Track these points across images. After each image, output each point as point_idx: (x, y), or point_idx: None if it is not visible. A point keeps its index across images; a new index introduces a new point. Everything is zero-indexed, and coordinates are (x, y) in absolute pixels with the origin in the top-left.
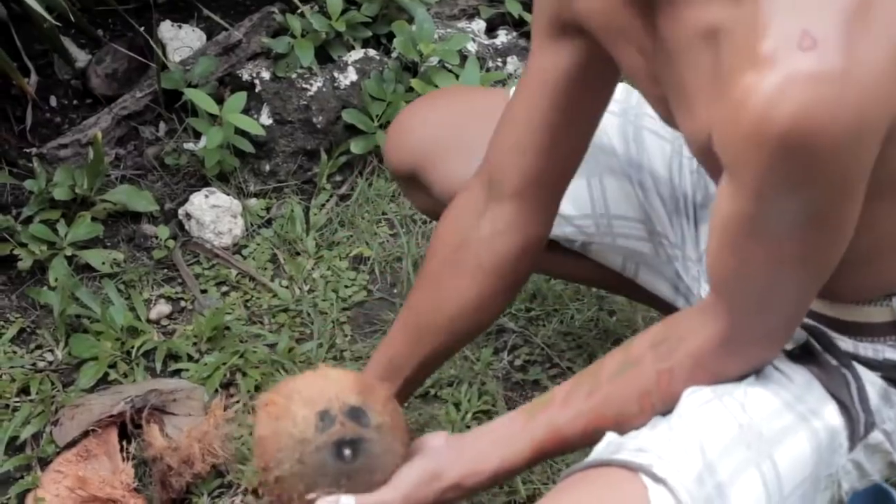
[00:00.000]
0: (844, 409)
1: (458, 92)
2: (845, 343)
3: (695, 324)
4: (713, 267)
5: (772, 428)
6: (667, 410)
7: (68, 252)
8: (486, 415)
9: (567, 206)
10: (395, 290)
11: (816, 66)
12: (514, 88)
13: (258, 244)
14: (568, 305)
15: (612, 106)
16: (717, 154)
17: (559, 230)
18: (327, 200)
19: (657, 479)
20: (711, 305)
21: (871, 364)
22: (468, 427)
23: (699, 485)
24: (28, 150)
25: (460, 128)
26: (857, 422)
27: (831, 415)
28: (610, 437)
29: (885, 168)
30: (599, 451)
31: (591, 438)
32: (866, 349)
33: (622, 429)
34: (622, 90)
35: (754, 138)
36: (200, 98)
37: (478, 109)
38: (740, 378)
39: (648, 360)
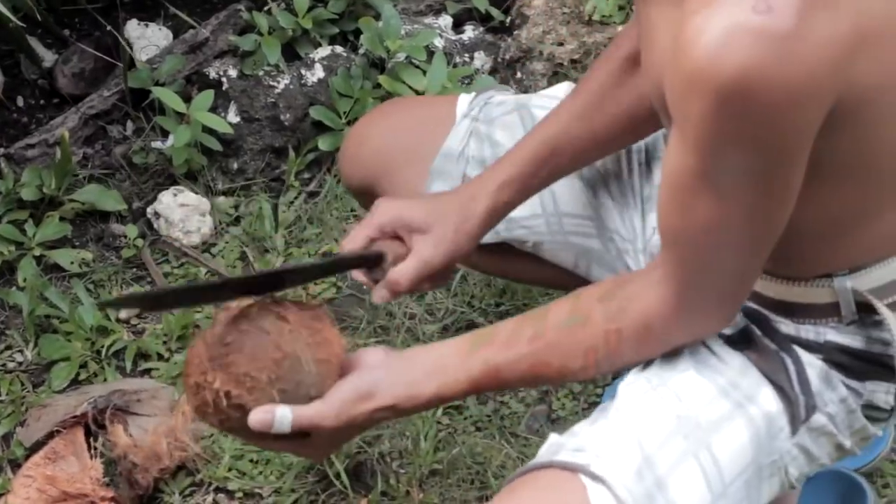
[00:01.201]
0: (783, 393)
1: (408, 103)
2: (787, 326)
3: (644, 282)
4: (661, 218)
5: (708, 417)
6: (609, 369)
7: (37, 252)
8: (457, 410)
9: (516, 208)
10: (365, 288)
11: (767, 22)
12: (463, 95)
13: (227, 242)
14: (538, 300)
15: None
16: (667, 100)
17: (510, 233)
18: (296, 198)
19: (596, 477)
20: (661, 262)
21: (812, 347)
22: (439, 423)
23: (638, 480)
24: None
25: (412, 139)
26: (797, 405)
27: (767, 400)
28: (552, 438)
29: (828, 152)
30: (541, 453)
31: (530, 382)
32: (808, 332)
33: (563, 379)
34: (566, 88)
35: (697, 85)
36: (168, 96)
37: (429, 119)
38: (681, 351)
39: (598, 317)
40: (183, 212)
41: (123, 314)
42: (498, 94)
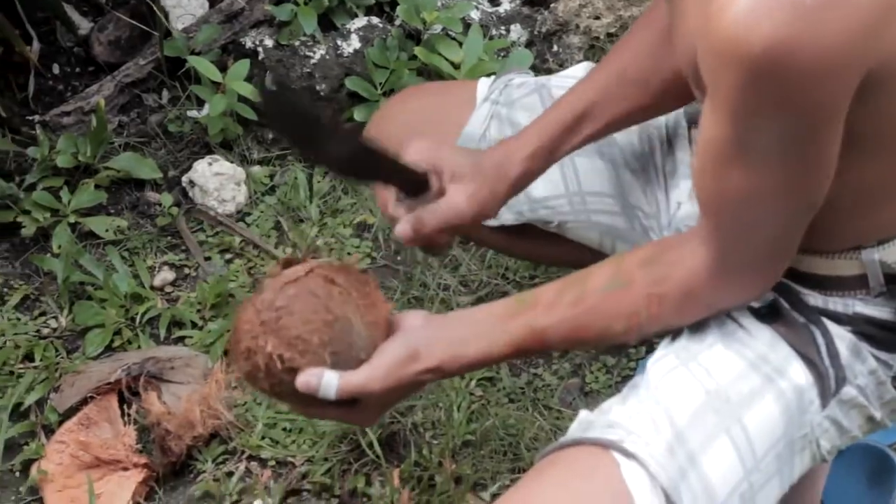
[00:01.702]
0: (812, 366)
1: (429, 89)
2: (815, 298)
3: (686, 248)
4: (698, 188)
5: (739, 392)
6: (650, 332)
7: (71, 219)
8: (490, 382)
9: (540, 188)
10: (399, 258)
11: None
12: (483, 79)
13: (262, 211)
14: (570, 273)
15: None
16: (700, 70)
17: (534, 214)
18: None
19: (628, 454)
20: (701, 228)
21: (840, 319)
22: (472, 394)
23: (670, 456)
24: (31, 118)
25: (433, 124)
26: (827, 378)
27: (797, 373)
28: (582, 414)
29: (859, 123)
30: (572, 430)
31: (572, 345)
32: (836, 304)
33: (604, 342)
34: (584, 68)
35: (729, 56)
36: (203, 66)
37: (450, 104)
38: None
39: (640, 282)
40: (218, 181)
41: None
42: (518, 76)
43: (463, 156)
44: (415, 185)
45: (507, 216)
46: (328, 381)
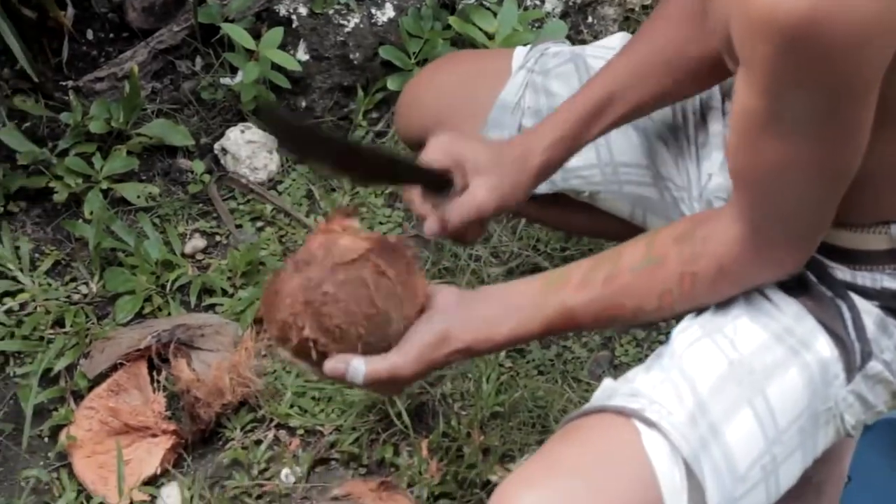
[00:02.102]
0: (838, 340)
1: (464, 57)
2: (843, 272)
3: (719, 225)
4: (731, 160)
5: (762, 363)
6: (684, 310)
7: (104, 185)
8: (519, 353)
9: (573, 158)
10: None
11: None
12: (518, 48)
13: (294, 180)
14: (603, 245)
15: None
16: (733, 40)
17: (566, 183)
18: (363, 137)
19: (649, 423)
20: (734, 204)
21: (868, 293)
22: (501, 366)
23: (692, 426)
24: (64, 83)
25: (469, 92)
26: (853, 352)
27: (822, 346)
28: (605, 382)
29: (892, 97)
30: (595, 397)
31: (604, 324)
32: (864, 278)
33: (637, 320)
34: (620, 39)
35: (762, 28)
36: (237, 33)
37: (484, 72)
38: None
39: (673, 259)
40: (250, 148)
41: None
42: (553, 45)
43: (484, 149)
44: (438, 183)
45: (539, 186)
46: (356, 368)
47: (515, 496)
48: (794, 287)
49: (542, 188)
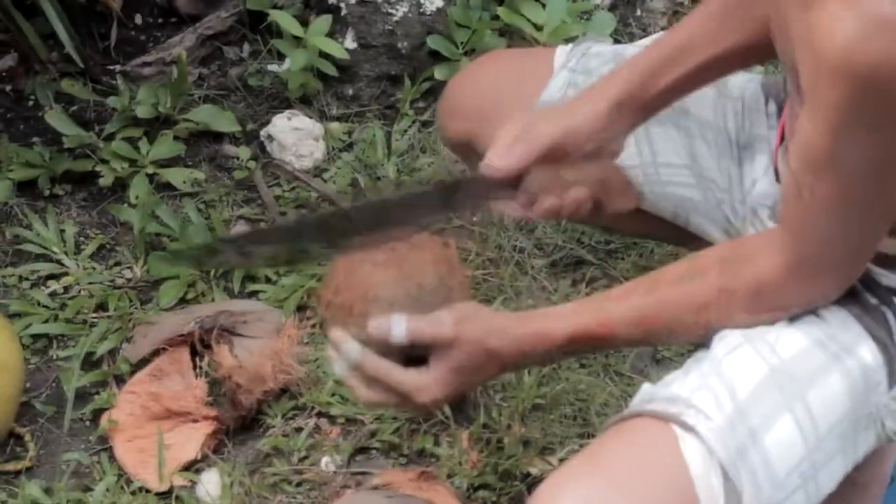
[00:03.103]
0: (882, 346)
1: (506, 56)
2: (888, 278)
3: (763, 249)
4: (784, 194)
5: (803, 368)
6: (719, 329)
7: (149, 170)
8: None
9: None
10: (475, 219)
11: None
12: (560, 47)
13: (339, 168)
14: (647, 243)
15: None
16: (799, 74)
17: None
18: (409, 126)
19: (687, 427)
20: (781, 232)
21: None
22: None
23: (731, 431)
24: (112, 68)
25: (511, 92)
26: None
27: (866, 353)
28: (645, 387)
29: None
30: (634, 402)
31: (640, 335)
32: None
33: (673, 334)
34: None
35: (834, 73)
36: (285, 20)
37: (526, 71)
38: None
39: (713, 275)
40: (296, 136)
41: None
42: (595, 44)
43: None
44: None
45: None
46: (397, 322)
47: (553, 499)
48: (842, 296)
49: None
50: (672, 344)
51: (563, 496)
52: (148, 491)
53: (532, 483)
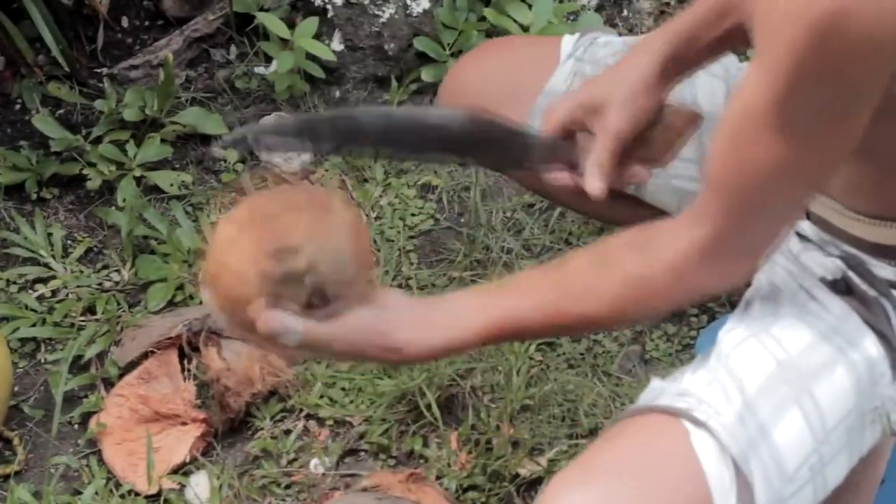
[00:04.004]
0: (884, 339)
1: (510, 43)
2: (884, 270)
3: (678, 229)
4: (714, 161)
5: (810, 362)
6: (638, 317)
7: (137, 173)
8: (550, 346)
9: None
10: (463, 220)
11: None
12: (567, 36)
13: (326, 170)
14: None
15: None
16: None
17: None
18: None
19: (698, 422)
20: (699, 207)
21: None
22: (531, 359)
23: (741, 426)
24: (99, 71)
25: (515, 78)
26: None
27: (869, 345)
28: (653, 382)
29: None
30: (642, 397)
31: (551, 331)
32: None
33: (586, 326)
34: None
35: (786, 18)
36: (272, 22)
37: (532, 59)
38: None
39: (623, 264)
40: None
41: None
42: (602, 35)
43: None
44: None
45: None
46: (293, 327)
47: (564, 496)
48: (839, 287)
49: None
50: (591, 332)
51: (575, 493)
52: (137, 494)
53: (521, 484)
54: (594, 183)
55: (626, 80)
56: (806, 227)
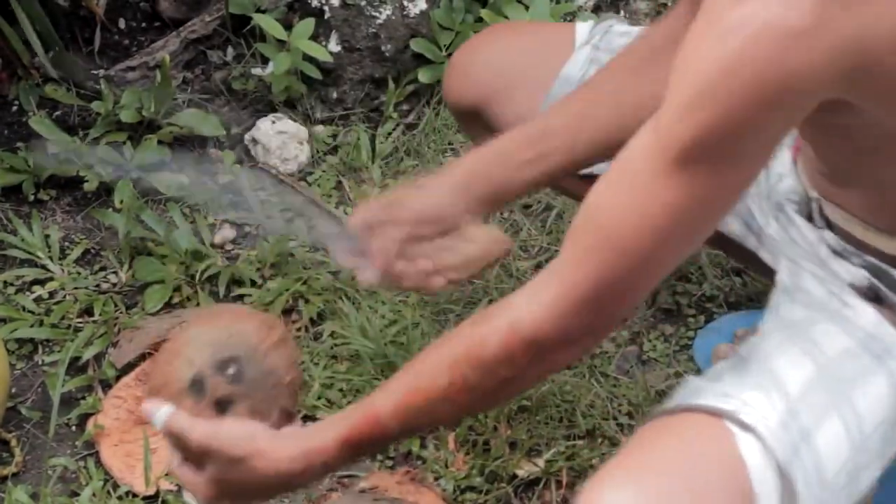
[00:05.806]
0: None
1: (524, 26)
2: None
3: (524, 293)
4: (595, 207)
5: (850, 369)
6: (482, 389)
7: (134, 175)
8: None
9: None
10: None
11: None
12: (581, 23)
13: (324, 171)
14: None
15: None
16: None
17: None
18: (394, 129)
19: (744, 425)
20: (562, 263)
21: None
22: None
23: (784, 430)
24: (96, 72)
25: (529, 61)
26: None
27: None
28: (691, 380)
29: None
30: (681, 395)
31: (405, 416)
32: None
33: (433, 409)
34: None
35: (690, 71)
36: (269, 23)
37: (546, 43)
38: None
39: (465, 329)
40: (280, 139)
41: None
42: (618, 23)
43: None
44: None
45: (601, 165)
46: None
47: (607, 495)
48: (869, 295)
49: (603, 167)
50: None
51: (622, 491)
52: (135, 495)
53: (519, 485)
54: (365, 273)
55: (430, 184)
56: (829, 237)
